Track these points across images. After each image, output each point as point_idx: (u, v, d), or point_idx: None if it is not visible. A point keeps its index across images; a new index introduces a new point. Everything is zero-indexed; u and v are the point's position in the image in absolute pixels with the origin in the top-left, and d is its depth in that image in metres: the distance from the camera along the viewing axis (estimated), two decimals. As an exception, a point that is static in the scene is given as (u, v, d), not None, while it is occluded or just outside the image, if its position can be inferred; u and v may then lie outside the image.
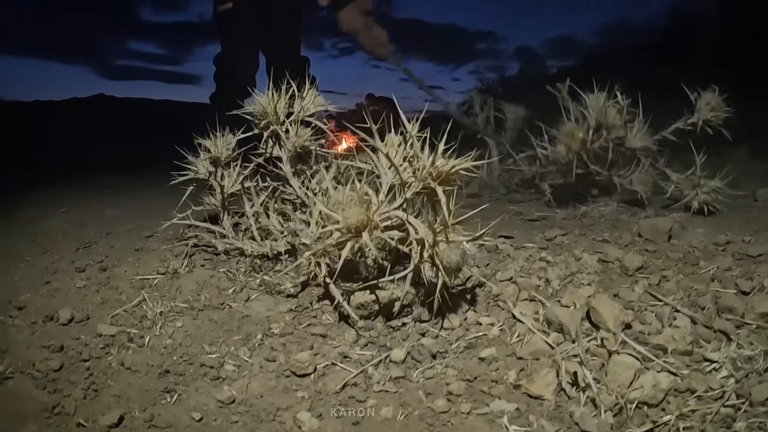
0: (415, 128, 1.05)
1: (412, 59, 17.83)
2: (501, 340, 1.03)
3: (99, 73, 20.48)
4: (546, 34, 22.94)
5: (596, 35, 15.70)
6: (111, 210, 2.33)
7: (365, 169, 1.20)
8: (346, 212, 0.96)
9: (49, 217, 2.24)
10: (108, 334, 1.08)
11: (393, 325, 1.07)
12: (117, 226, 1.99)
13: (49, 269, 1.52)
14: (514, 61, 20.44)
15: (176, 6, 23.02)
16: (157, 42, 19.61)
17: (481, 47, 18.00)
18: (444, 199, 0.95)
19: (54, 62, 22.48)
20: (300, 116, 1.48)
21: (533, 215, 1.92)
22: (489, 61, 22.54)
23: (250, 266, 1.33)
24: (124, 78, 21.53)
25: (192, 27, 16.86)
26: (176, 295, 1.24)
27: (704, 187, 1.81)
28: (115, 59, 19.95)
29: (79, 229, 1.98)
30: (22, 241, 1.85)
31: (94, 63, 20.01)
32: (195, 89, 24.58)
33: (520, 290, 1.18)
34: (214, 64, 3.15)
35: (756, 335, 1.01)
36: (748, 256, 1.38)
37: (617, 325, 0.99)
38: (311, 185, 1.46)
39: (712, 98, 1.96)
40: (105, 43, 19.38)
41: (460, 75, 19.69)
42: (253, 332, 1.06)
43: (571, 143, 1.76)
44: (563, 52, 18.38)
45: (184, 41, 18.51)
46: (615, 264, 1.34)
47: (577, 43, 16.47)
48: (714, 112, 1.96)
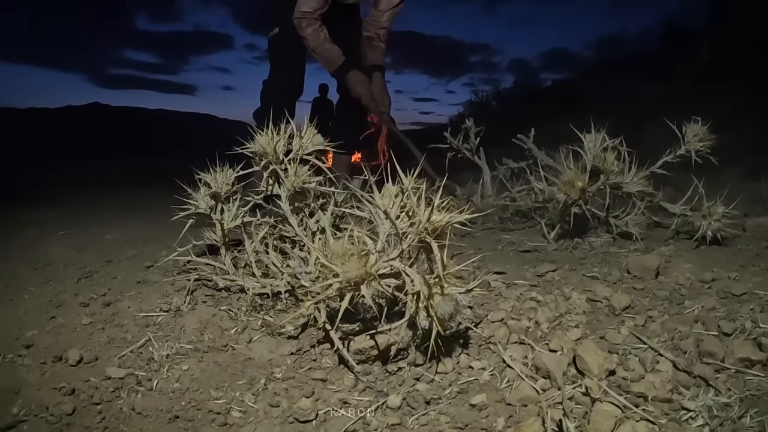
0: (411, 181, 1.13)
1: (407, 72, 17.95)
2: (491, 385, 1.11)
3: (94, 82, 20.59)
4: (541, 46, 23.18)
5: (590, 48, 15.94)
6: (109, 234, 2.40)
7: (362, 214, 1.27)
8: (345, 266, 1.04)
9: (48, 241, 2.32)
10: (117, 377, 1.15)
11: (389, 369, 1.15)
12: (117, 254, 2.06)
13: (54, 302, 1.59)
14: (509, 73, 20.65)
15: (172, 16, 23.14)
16: (153, 51, 19.75)
17: (476, 60, 18.22)
18: (439, 254, 1.03)
19: (49, 69, 22.59)
20: (299, 155, 1.55)
21: (526, 245, 2.01)
22: (484, 73, 22.80)
23: (251, 305, 1.41)
24: (119, 87, 21.68)
25: (187, 37, 16.97)
26: (180, 335, 1.32)
27: (714, 215, 1.90)
28: (110, 68, 20.06)
29: (79, 256, 2.06)
30: (22, 268, 1.92)
31: (89, 71, 20.14)
32: (189, 99, 24.81)
33: (511, 333, 1.26)
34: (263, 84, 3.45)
35: (734, 380, 1.10)
36: (732, 295, 1.46)
37: (601, 372, 1.07)
38: (310, 223, 1.54)
39: (699, 129, 2.05)
40: (100, 51, 19.47)
41: (455, 87, 19.87)
42: (257, 376, 1.14)
43: (570, 192, 1.85)
44: (557, 64, 18.61)
45: (180, 51, 18.64)
46: (603, 303, 1.43)
47: (572, 55, 16.72)
48: (702, 142, 2.05)
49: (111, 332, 1.36)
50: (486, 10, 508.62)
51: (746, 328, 1.26)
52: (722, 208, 1.89)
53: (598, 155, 1.84)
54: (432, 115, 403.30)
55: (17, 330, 1.40)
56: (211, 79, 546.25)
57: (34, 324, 1.43)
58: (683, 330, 1.28)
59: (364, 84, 3.27)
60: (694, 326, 1.30)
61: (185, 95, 59.43)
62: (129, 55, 54.61)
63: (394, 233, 1.11)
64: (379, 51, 3.47)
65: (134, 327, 1.38)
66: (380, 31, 3.42)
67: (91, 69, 58.93)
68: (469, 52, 61.35)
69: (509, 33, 61.21)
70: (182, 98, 61.70)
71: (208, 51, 70.06)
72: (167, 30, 56.60)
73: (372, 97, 3.24)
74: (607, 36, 14.01)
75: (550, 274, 1.66)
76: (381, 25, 3.40)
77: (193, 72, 60.45)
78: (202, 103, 62.97)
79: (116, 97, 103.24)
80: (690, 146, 2.03)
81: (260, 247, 1.55)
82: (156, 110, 11.50)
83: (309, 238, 1.50)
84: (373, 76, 3.39)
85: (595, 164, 1.86)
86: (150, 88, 57.77)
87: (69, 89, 55.78)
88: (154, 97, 58.33)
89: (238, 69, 57.38)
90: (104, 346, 1.30)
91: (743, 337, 1.24)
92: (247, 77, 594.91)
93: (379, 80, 3.37)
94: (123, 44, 58.42)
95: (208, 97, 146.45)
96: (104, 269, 1.89)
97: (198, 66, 65.06)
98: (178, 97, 63.81)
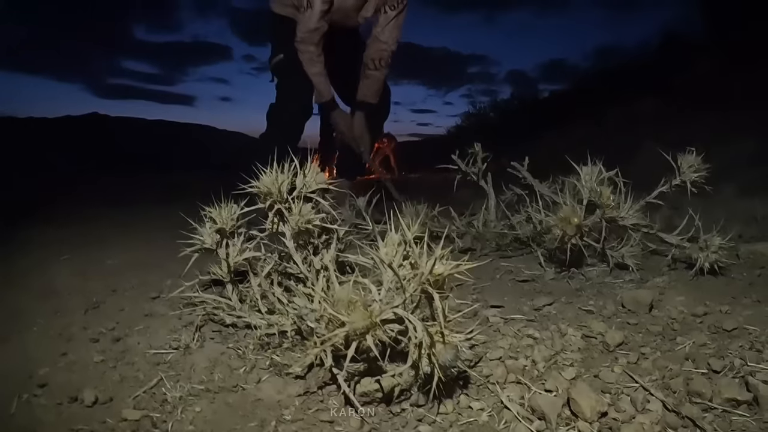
0: (413, 232, 1.21)
1: (405, 83, 18.14)
2: (490, 426, 1.18)
3: (92, 92, 20.71)
4: (538, 57, 23.42)
5: (588, 59, 16.17)
6: (111, 260, 2.48)
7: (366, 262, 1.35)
8: (351, 317, 1.11)
9: (50, 266, 2.38)
10: (133, 419, 1.22)
11: (393, 411, 1.22)
12: (121, 282, 2.14)
13: (63, 336, 1.65)
14: (507, 84, 20.90)
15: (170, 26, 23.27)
16: (151, 61, 19.87)
17: (474, 71, 18.40)
18: (440, 306, 1.11)
19: (48, 79, 22.68)
20: (302, 193, 1.62)
21: (523, 274, 2.09)
22: (482, 84, 22.99)
23: (258, 343, 1.48)
24: (117, 97, 21.82)
25: (186, 47, 17.10)
26: (191, 374, 1.39)
27: (711, 248, 1.98)
28: (109, 78, 20.18)
29: (84, 284, 2.13)
30: (27, 297, 1.98)
31: (88, 81, 20.24)
32: (188, 110, 25.02)
33: (508, 372, 1.33)
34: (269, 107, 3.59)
35: (720, 420, 1.17)
36: (723, 330, 1.54)
37: (594, 414, 1.15)
38: (314, 261, 1.61)
39: (693, 160, 2.12)
40: (99, 61, 19.60)
41: (453, 98, 20.06)
42: (267, 418, 1.21)
43: (567, 228, 1.92)
44: (555, 75, 18.83)
45: (178, 61, 18.76)
46: (598, 339, 1.50)
47: (569, 66, 16.98)
48: (698, 173, 2.13)
49: (123, 370, 1.43)
50: (484, 21, 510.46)
51: (735, 366, 1.34)
52: (719, 240, 1.97)
53: (594, 189, 1.92)
54: (430, 126, 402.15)
55: (30, 367, 1.46)
56: (210, 89, 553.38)
57: (46, 360, 1.49)
58: (674, 368, 1.35)
59: (347, 124, 3.52)
60: (685, 364, 1.37)
61: (184, 106, 58.47)
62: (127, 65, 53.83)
63: (397, 282, 1.18)
64: (370, 82, 3.55)
65: (145, 365, 1.45)
66: (376, 56, 3.47)
67: (89, 79, 57.88)
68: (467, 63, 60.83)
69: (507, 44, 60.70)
70: (181, 109, 61.02)
71: (207, 62, 68.61)
72: (166, 40, 55.83)
73: (352, 137, 3.51)
74: (605, 47, 14.29)
75: (547, 307, 1.73)
76: (380, 46, 3.46)
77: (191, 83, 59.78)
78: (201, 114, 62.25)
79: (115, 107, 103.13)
80: (685, 177, 2.11)
81: (265, 284, 1.62)
82: (155, 120, 11.63)
83: (314, 276, 1.57)
84: (355, 116, 3.58)
85: (592, 198, 1.94)
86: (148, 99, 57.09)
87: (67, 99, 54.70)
88: (153, 108, 57.41)
89: (236, 80, 57.98)
90: (117, 386, 1.36)
91: (731, 375, 1.31)
92: (246, 88, 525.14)
93: (360, 120, 3.55)
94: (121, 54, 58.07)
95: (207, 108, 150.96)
96: (110, 299, 1.95)
97: (196, 77, 64.13)
98: (177, 108, 62.82)
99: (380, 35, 3.45)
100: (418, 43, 47.92)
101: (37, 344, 1.60)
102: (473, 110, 15.87)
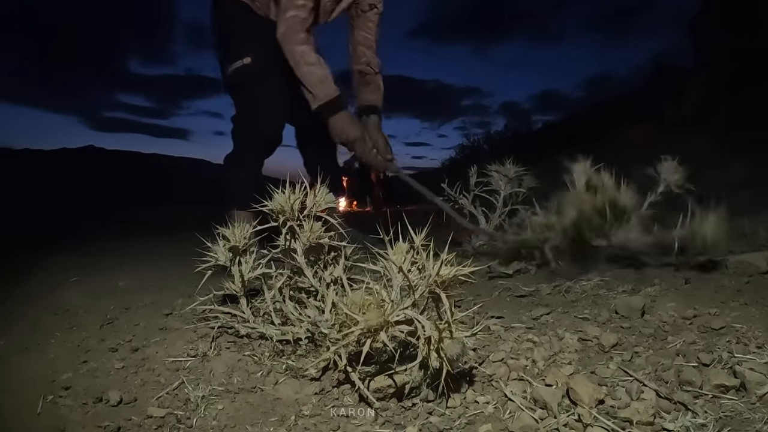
0: (420, 239, 1.33)
1: (398, 116, 18.47)
2: (495, 416, 1.28)
3: (87, 124, 20.93)
4: (531, 88, 23.92)
5: (580, 89, 16.62)
6: (122, 281, 2.56)
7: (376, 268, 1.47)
8: (366, 315, 1.23)
9: (62, 286, 2.46)
10: (158, 416, 1.32)
11: (405, 405, 1.33)
12: (133, 300, 2.23)
13: (81, 347, 1.74)
14: (500, 116, 21.33)
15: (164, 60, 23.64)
16: (145, 95, 20.15)
17: (467, 103, 18.84)
18: (447, 303, 1.22)
19: (43, 111, 22.89)
20: (313, 211, 1.75)
21: (521, 290, 2.21)
22: (475, 116, 23.46)
23: (273, 350, 1.59)
24: (112, 130, 22.05)
25: (180, 81, 17.40)
26: (210, 378, 1.49)
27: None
28: (104, 111, 20.42)
29: (97, 303, 2.21)
30: (43, 313, 2.07)
31: (83, 114, 20.46)
32: (182, 143, 25.19)
33: (510, 371, 1.44)
34: (232, 122, 3.07)
35: (711, 404, 1.27)
36: (711, 329, 1.65)
37: (592, 401, 1.26)
38: (324, 275, 1.73)
39: (671, 166, 2.28)
40: (94, 94, 19.87)
41: (447, 131, 20.45)
42: (287, 414, 1.31)
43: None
44: (548, 106, 19.26)
45: (172, 95, 19.04)
46: (593, 342, 1.61)
47: (562, 96, 17.42)
48: (679, 189, 2.27)
49: (144, 376, 1.53)
50: (476, 54, 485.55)
51: (723, 359, 1.45)
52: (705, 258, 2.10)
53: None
54: (424, 159, 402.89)
55: (52, 373, 1.55)
56: (204, 123, 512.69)
57: (68, 367, 1.58)
58: (665, 363, 1.46)
59: (360, 128, 2.83)
60: (676, 359, 1.48)
61: (178, 140, 60.32)
62: (122, 99, 55.42)
63: (407, 285, 1.30)
64: (374, 87, 3.15)
65: (165, 371, 1.55)
66: (374, 61, 3.18)
67: (84, 111, 60.10)
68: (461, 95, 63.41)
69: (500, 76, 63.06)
70: (175, 143, 63.40)
71: (201, 95, 70.75)
72: (159, 74, 57.63)
73: (372, 146, 2.84)
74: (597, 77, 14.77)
75: (545, 317, 1.85)
76: (369, 44, 3.17)
77: (185, 116, 61.38)
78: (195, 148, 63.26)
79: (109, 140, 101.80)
80: (668, 179, 2.26)
81: (278, 297, 1.73)
82: (150, 154, 11.81)
83: (325, 289, 1.69)
84: (369, 119, 3.03)
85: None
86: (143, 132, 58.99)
87: (62, 131, 56.65)
88: (147, 141, 59.35)
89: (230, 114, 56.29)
90: (140, 389, 1.46)
91: (720, 367, 1.42)
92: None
93: (377, 125, 3.00)
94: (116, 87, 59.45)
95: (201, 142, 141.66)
96: (124, 316, 2.05)
97: (190, 110, 65.72)
98: (171, 142, 65.30)
99: (363, 40, 3.15)
100: (411, 75, 48.32)
101: (58, 354, 1.69)
102: (467, 143, 16.22)
